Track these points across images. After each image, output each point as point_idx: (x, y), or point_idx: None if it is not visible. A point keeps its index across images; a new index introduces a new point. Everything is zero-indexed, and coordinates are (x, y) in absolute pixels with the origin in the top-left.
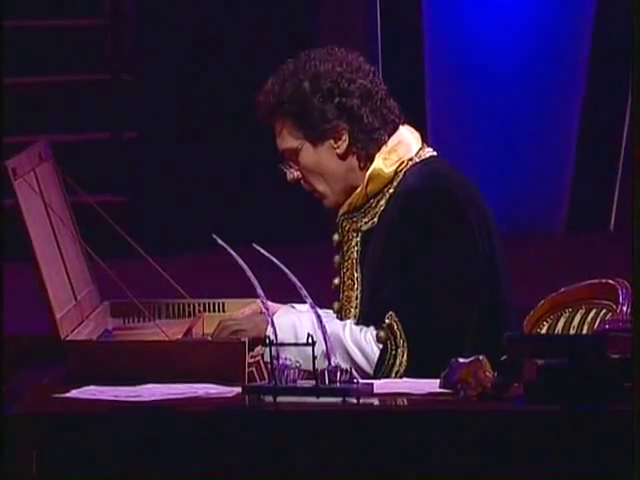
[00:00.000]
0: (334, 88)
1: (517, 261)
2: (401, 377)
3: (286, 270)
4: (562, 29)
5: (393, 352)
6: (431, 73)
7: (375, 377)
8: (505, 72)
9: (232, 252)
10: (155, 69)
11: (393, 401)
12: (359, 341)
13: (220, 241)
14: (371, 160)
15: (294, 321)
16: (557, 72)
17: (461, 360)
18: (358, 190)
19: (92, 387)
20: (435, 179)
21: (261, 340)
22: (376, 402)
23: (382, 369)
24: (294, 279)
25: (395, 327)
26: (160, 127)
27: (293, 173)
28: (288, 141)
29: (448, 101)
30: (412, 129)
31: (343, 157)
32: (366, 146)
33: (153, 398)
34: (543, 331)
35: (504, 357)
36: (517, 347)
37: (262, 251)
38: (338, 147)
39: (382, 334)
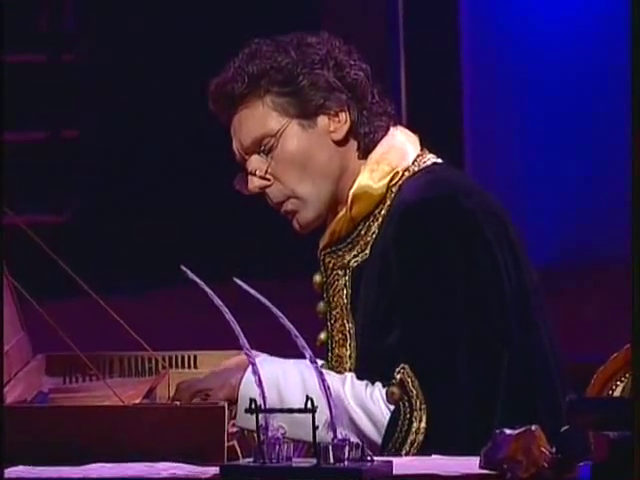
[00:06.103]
0: (328, 59)
1: (584, 299)
2: (418, 447)
3: (278, 313)
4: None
5: (407, 416)
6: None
7: (384, 447)
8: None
9: (206, 288)
10: (103, 49)
11: None
12: (364, 400)
13: (190, 274)
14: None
15: (277, 375)
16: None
17: (508, 431)
18: (341, 214)
19: (22, 467)
20: (438, 188)
21: (232, 402)
22: None
23: (394, 437)
24: (289, 325)
25: (410, 384)
26: (108, 125)
27: (256, 180)
28: (267, 123)
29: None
30: (408, 131)
31: (340, 144)
32: (371, 131)
33: None
34: (617, 393)
35: (565, 428)
36: (581, 415)
37: (246, 287)
38: (335, 131)
39: (394, 390)
